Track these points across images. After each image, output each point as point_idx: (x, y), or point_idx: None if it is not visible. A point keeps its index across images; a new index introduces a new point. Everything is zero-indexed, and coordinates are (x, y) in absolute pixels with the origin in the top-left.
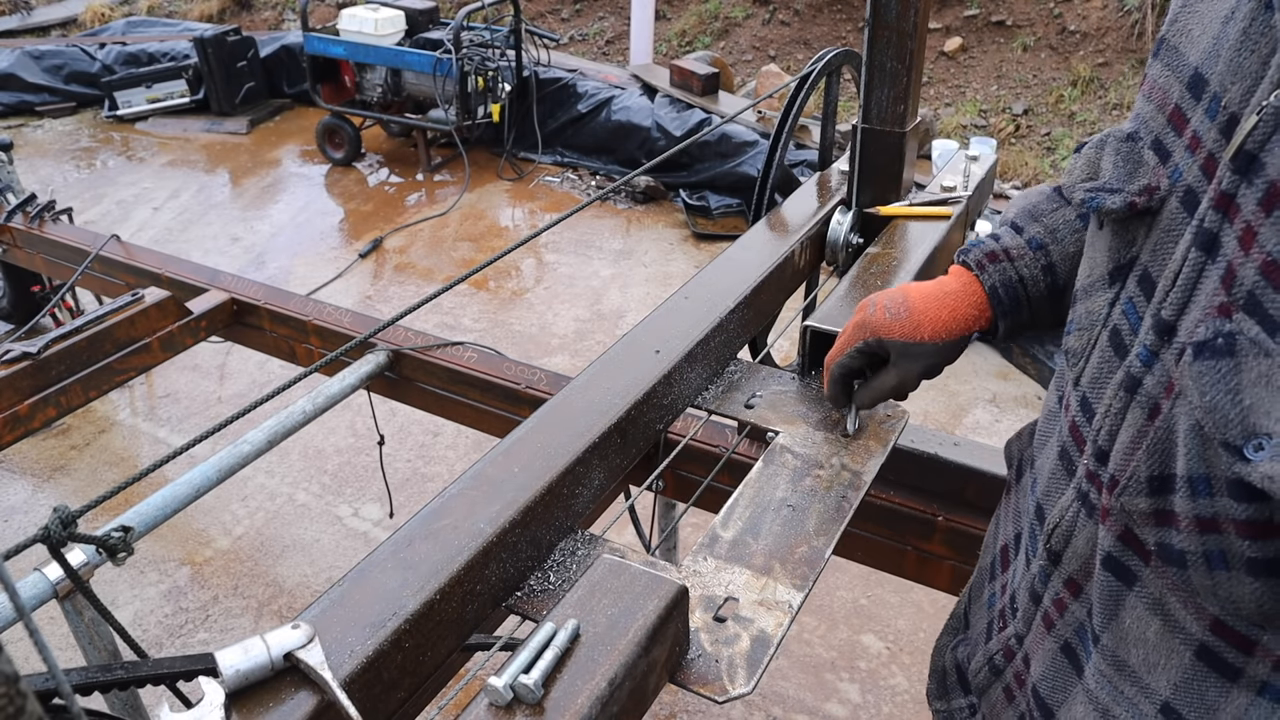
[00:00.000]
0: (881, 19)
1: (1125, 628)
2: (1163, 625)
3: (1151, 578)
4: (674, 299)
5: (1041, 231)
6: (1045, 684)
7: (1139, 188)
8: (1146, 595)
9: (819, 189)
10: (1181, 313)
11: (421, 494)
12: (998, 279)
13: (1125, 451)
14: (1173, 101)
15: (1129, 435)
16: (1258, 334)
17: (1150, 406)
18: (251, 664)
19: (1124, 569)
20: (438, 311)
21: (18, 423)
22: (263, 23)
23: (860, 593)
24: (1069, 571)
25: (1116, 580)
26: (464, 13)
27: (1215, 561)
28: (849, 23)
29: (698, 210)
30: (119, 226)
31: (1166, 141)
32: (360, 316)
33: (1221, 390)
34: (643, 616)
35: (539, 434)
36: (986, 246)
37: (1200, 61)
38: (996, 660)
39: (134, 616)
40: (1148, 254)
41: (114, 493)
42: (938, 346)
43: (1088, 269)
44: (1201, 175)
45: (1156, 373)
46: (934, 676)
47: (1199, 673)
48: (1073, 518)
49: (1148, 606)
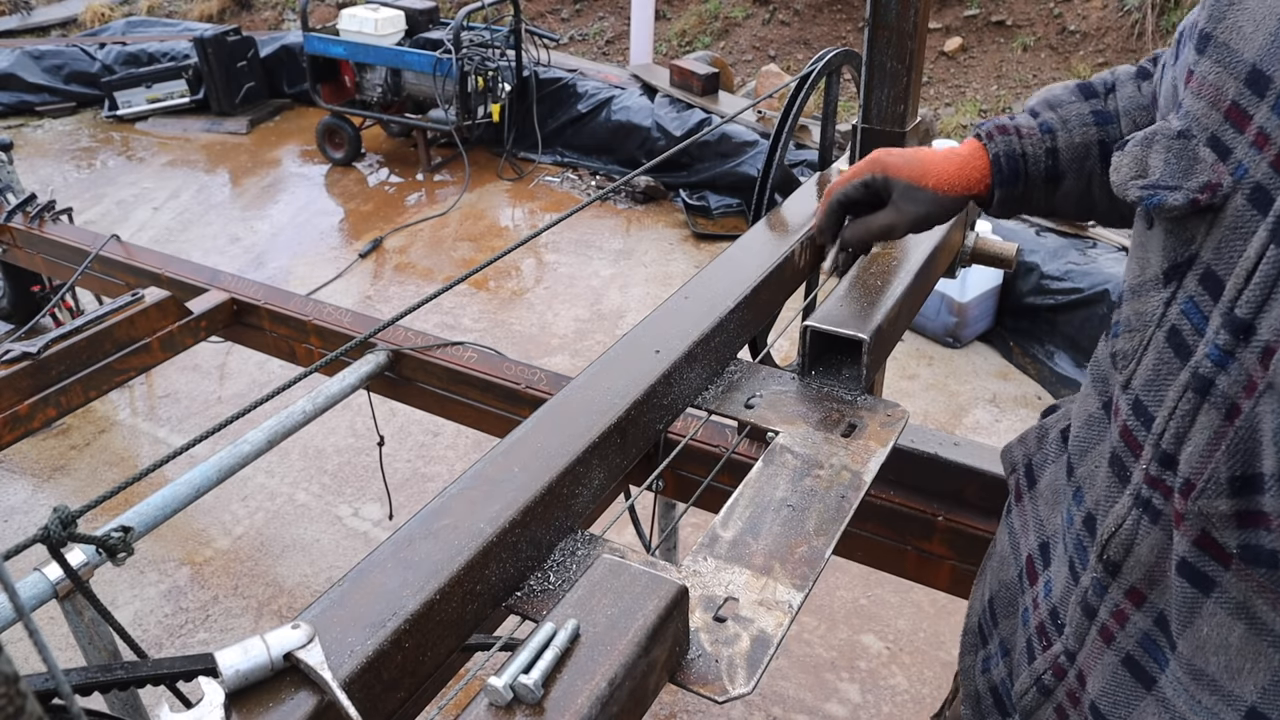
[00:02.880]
0: (881, 19)
1: (1203, 636)
2: (1247, 629)
3: (1233, 581)
4: (674, 299)
5: (1054, 118)
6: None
7: (1199, 184)
8: (1228, 600)
9: (819, 189)
10: (1260, 311)
11: (421, 494)
12: (1002, 149)
13: (1201, 454)
14: (1228, 98)
15: (1204, 437)
16: None
17: (1228, 407)
18: (251, 664)
19: (1201, 575)
20: (438, 311)
21: (18, 423)
22: (263, 23)
23: (860, 593)
24: (1130, 581)
25: (1192, 588)
26: (464, 13)
27: None
28: (849, 23)
29: (698, 210)
30: (119, 226)
31: (1225, 138)
32: (360, 316)
33: None
34: (643, 616)
35: (539, 434)
36: (999, 121)
37: (1259, 58)
38: (1046, 680)
39: (134, 616)
40: (1210, 252)
41: (114, 493)
42: (937, 197)
43: (1137, 269)
44: (1273, 172)
45: (1233, 372)
46: (968, 702)
47: None
48: (1133, 526)
49: (1229, 612)
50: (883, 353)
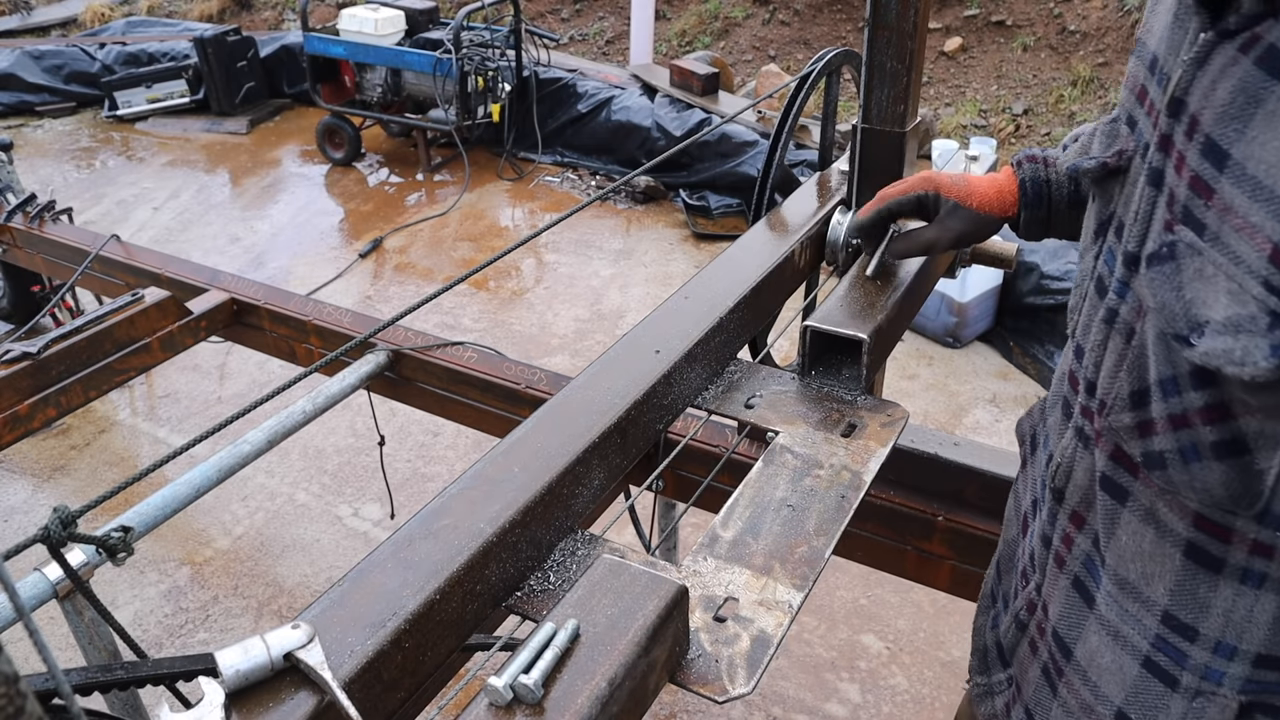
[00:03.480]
0: (881, 19)
1: (1123, 545)
2: (1155, 534)
3: (1141, 489)
4: (674, 299)
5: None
6: (1063, 623)
7: (1112, 152)
8: (1139, 508)
9: (819, 189)
10: (1142, 243)
11: (421, 494)
12: (1029, 174)
13: (1110, 375)
14: (1140, 83)
15: (1112, 360)
16: (1191, 238)
17: (1127, 331)
18: (251, 664)
19: (1117, 487)
20: (438, 311)
21: (18, 423)
22: (263, 23)
23: (860, 593)
24: (1072, 505)
25: (1112, 499)
26: (464, 13)
27: (1189, 455)
28: (849, 23)
29: (698, 210)
30: (119, 226)
31: (1135, 115)
32: (360, 316)
33: (1168, 289)
34: (643, 616)
35: (539, 434)
36: (1031, 151)
37: (1156, 47)
38: (1021, 616)
39: (134, 616)
40: (1121, 206)
41: (114, 493)
42: (978, 216)
43: (1083, 238)
44: (1153, 129)
45: (1130, 300)
46: (976, 654)
47: (1189, 571)
48: (1071, 453)
49: (1141, 518)
50: (883, 353)
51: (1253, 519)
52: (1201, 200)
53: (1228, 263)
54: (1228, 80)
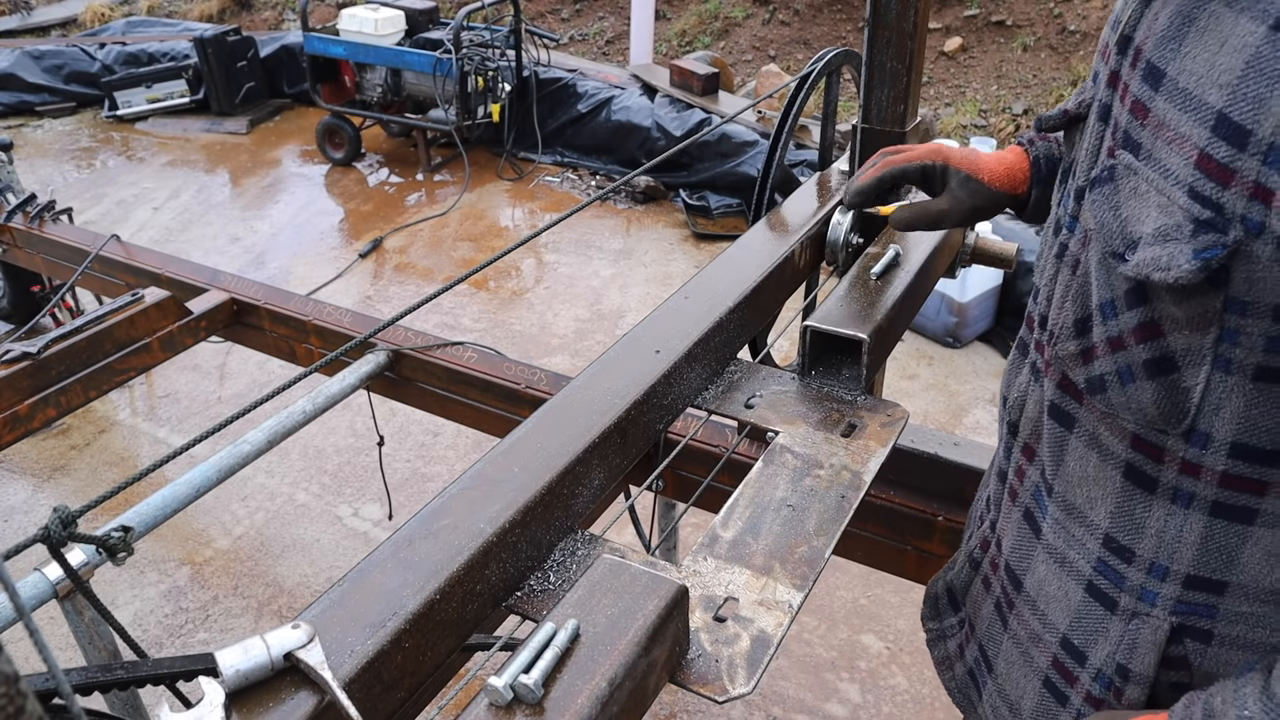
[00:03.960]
0: (881, 19)
1: (1070, 470)
2: (1098, 457)
3: (1085, 414)
4: (674, 299)
5: None
6: (1014, 555)
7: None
8: (1084, 433)
9: (819, 189)
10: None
11: (421, 494)
12: (1042, 151)
13: (1057, 307)
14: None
15: (1059, 292)
16: (1129, 160)
17: (1073, 263)
18: (251, 664)
19: (1064, 414)
20: (438, 311)
21: (18, 423)
22: (263, 23)
23: (860, 593)
24: (1024, 438)
25: (1060, 426)
26: (464, 13)
27: (1125, 376)
28: (849, 23)
29: (698, 210)
30: (119, 226)
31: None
32: (360, 316)
33: (1106, 209)
34: (643, 616)
35: (539, 434)
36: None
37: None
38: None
39: (134, 616)
40: (1077, 151)
41: (114, 493)
42: (990, 191)
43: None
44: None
45: (1077, 233)
46: (927, 602)
47: (1127, 492)
48: (1024, 387)
49: (1085, 444)
50: (883, 353)
51: (1180, 437)
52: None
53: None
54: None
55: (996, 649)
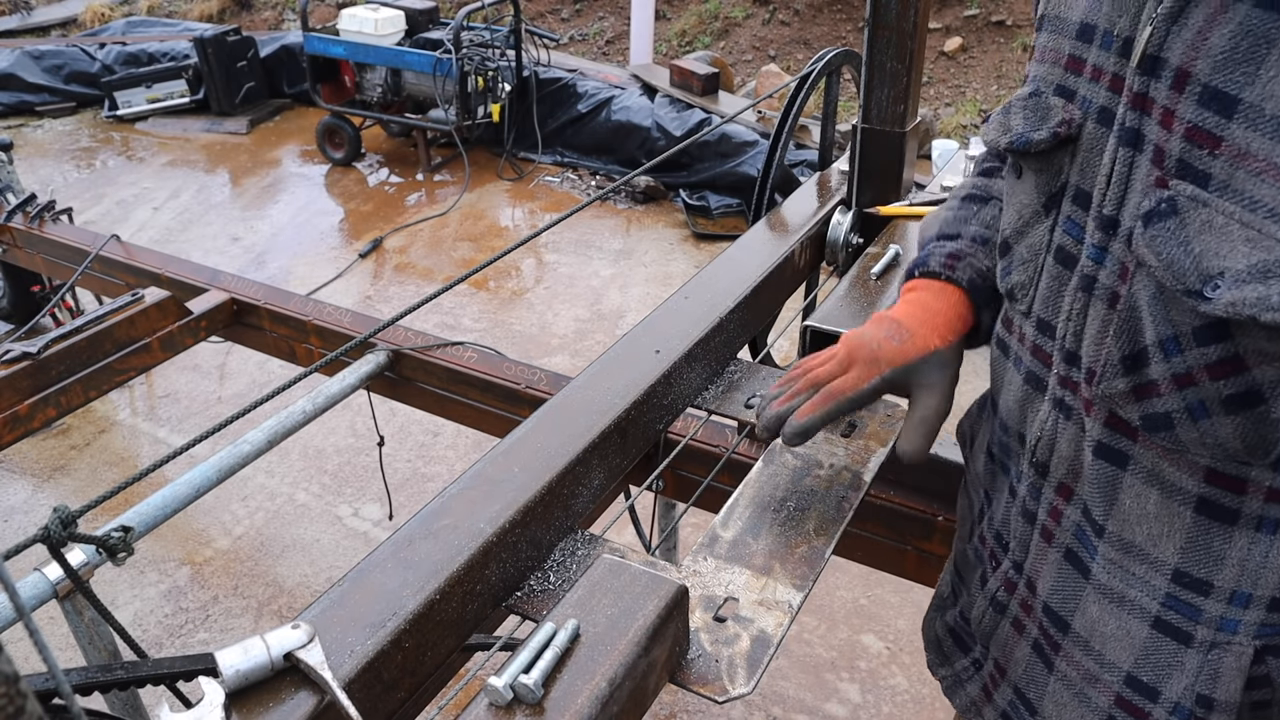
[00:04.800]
0: (881, 19)
1: (1126, 509)
2: (1161, 494)
3: (1142, 452)
4: (674, 299)
5: (978, 227)
6: (1056, 597)
7: (1056, 122)
8: (1141, 471)
9: (819, 189)
10: (1121, 205)
11: (421, 494)
12: (972, 273)
13: (1095, 343)
14: (1065, 54)
15: (1095, 328)
16: (1193, 191)
17: (1109, 296)
18: (251, 664)
19: (1115, 453)
20: (438, 311)
21: (18, 423)
22: (263, 23)
23: (860, 593)
24: (1058, 478)
25: (1111, 466)
26: (464, 13)
27: (1197, 412)
28: (849, 23)
29: (698, 210)
30: (119, 226)
31: (1068, 84)
32: (360, 316)
33: (1174, 245)
34: (643, 616)
35: (539, 434)
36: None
37: (1083, 17)
38: (999, 597)
39: (134, 616)
40: (1076, 175)
41: (114, 493)
42: (954, 347)
43: (1015, 215)
44: (1111, 94)
45: (1109, 265)
46: (930, 648)
47: (1201, 527)
48: (1052, 426)
49: (1144, 481)
50: None
51: (1268, 466)
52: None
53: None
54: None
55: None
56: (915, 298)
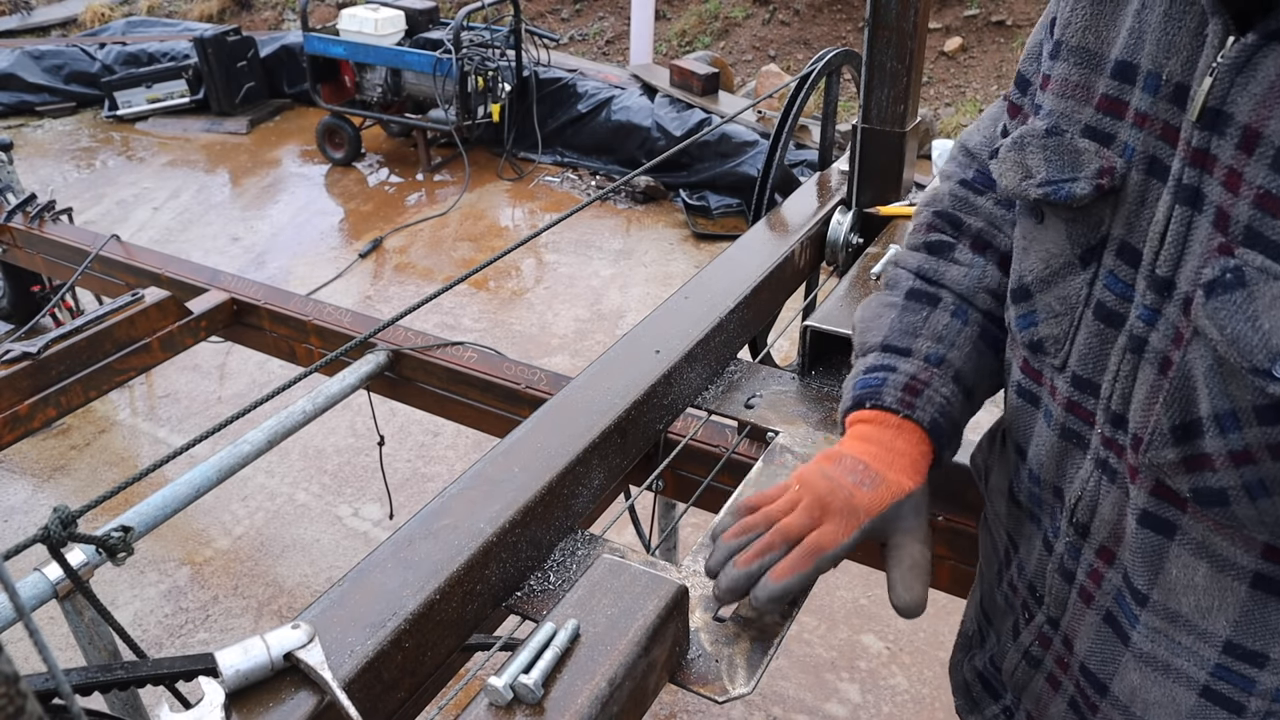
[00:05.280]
0: (881, 19)
1: (1172, 579)
2: (1211, 567)
3: (1191, 523)
4: (674, 299)
5: (931, 344)
6: (1094, 659)
7: (1094, 171)
8: (1189, 542)
9: (819, 189)
10: (1177, 266)
11: (421, 494)
12: (932, 411)
13: (1144, 409)
14: (1098, 92)
15: (1144, 392)
16: (1263, 262)
17: (1160, 361)
18: (251, 664)
19: (1162, 522)
20: (438, 311)
21: (18, 423)
22: (263, 23)
23: (860, 593)
24: (1099, 540)
25: (1156, 535)
26: (464, 13)
27: (1256, 491)
28: (849, 23)
29: (698, 210)
30: (119, 226)
31: (1103, 127)
32: (360, 316)
33: (1240, 320)
34: (643, 616)
35: (539, 434)
36: (896, 381)
37: (1121, 53)
38: (1033, 651)
39: (134, 616)
40: (1120, 228)
41: (114, 493)
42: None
43: (1039, 264)
44: (1162, 144)
45: (1161, 328)
46: (959, 693)
47: (1258, 601)
48: (1095, 487)
49: (1192, 553)
50: None
51: None
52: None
53: None
54: None
55: None
56: (873, 434)
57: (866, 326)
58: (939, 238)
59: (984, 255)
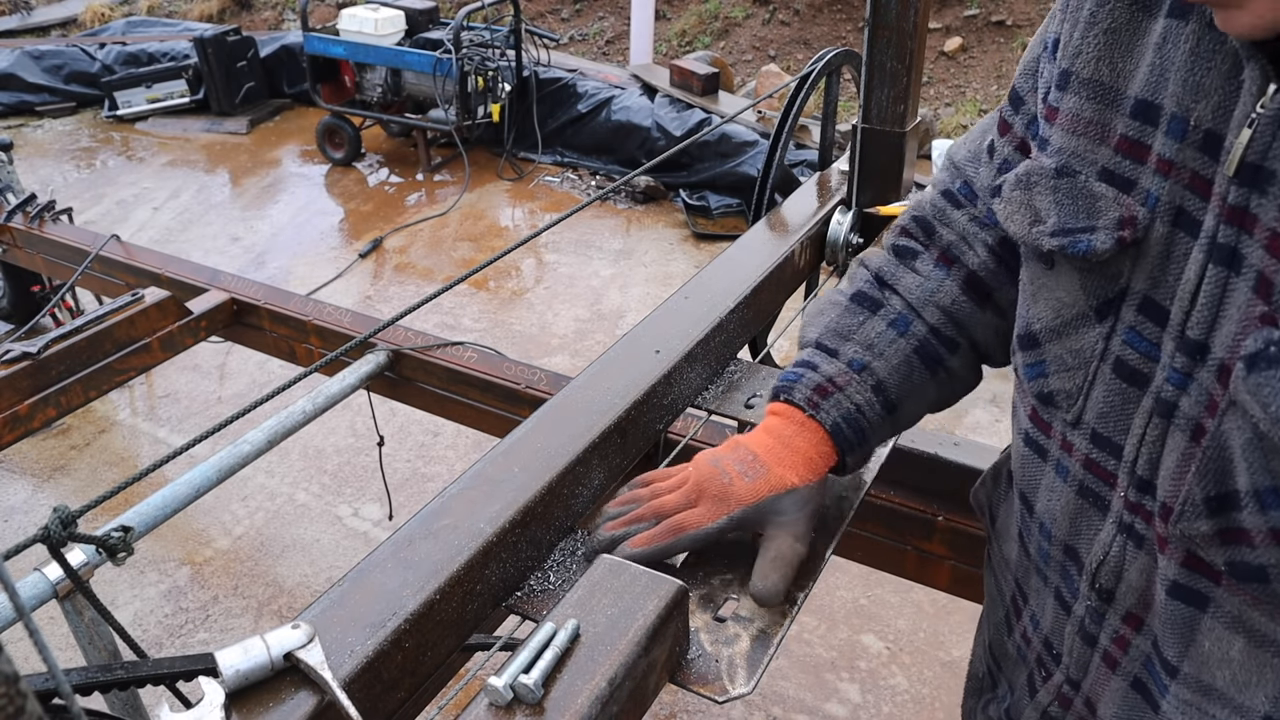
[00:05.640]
0: (881, 19)
1: (1205, 651)
2: (1248, 642)
3: (1226, 597)
4: (674, 299)
5: (858, 350)
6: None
7: (1114, 221)
8: (1224, 615)
9: (819, 189)
10: (1211, 330)
11: (421, 494)
12: (837, 415)
13: (1173, 477)
14: (1116, 132)
15: (1174, 460)
16: None
17: (1192, 428)
18: (251, 664)
19: (1194, 594)
20: (438, 311)
21: (18, 423)
22: (263, 23)
23: (860, 593)
24: (1126, 607)
25: (1188, 607)
26: (464, 13)
27: None
28: (849, 23)
29: (698, 210)
30: (119, 226)
31: (1122, 171)
32: (360, 316)
33: None
34: (643, 616)
35: (539, 434)
36: (810, 380)
37: (1140, 90)
38: (1052, 711)
39: (134, 616)
40: (1142, 282)
41: (114, 493)
42: (810, 489)
43: (1049, 312)
44: (1190, 194)
45: (1193, 393)
46: None
47: None
48: (1120, 552)
49: (1227, 626)
50: None
51: None
52: None
53: None
54: None
55: None
56: (776, 427)
57: (809, 320)
58: (907, 243)
59: (948, 269)
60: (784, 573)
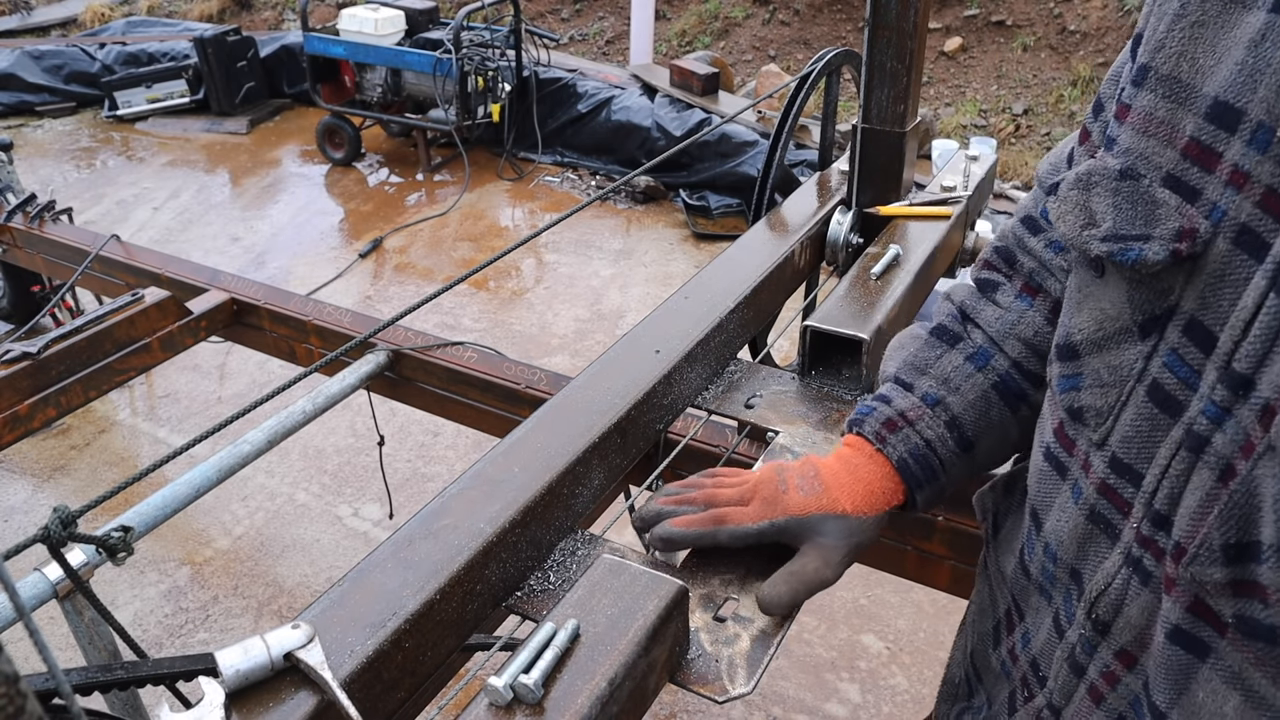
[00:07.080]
0: (881, 19)
1: (1199, 703)
2: (1244, 700)
3: (1229, 650)
4: (674, 299)
5: (934, 385)
6: None
7: (1172, 232)
8: (1223, 669)
9: (819, 189)
10: (1260, 365)
11: (421, 494)
12: (904, 450)
13: (1193, 517)
14: (1185, 134)
15: (1195, 499)
16: None
17: (1222, 468)
18: (251, 664)
19: (1195, 641)
20: (438, 311)
21: (18, 423)
22: (263, 23)
23: (860, 593)
24: (1121, 643)
25: (1187, 654)
26: (464, 13)
27: None
28: (849, 23)
29: (698, 210)
30: (119, 226)
31: (1188, 178)
32: (360, 316)
33: None
34: (643, 616)
35: (539, 434)
36: (881, 414)
37: (1222, 91)
38: None
39: (134, 616)
40: (1192, 302)
41: (114, 493)
42: (862, 522)
43: (1091, 322)
44: (1260, 212)
45: (1229, 431)
46: None
47: None
48: (1122, 585)
49: (1225, 681)
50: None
51: None
52: None
53: None
54: None
55: None
56: (848, 455)
57: (890, 355)
58: (989, 275)
59: (1031, 300)
60: (795, 589)
